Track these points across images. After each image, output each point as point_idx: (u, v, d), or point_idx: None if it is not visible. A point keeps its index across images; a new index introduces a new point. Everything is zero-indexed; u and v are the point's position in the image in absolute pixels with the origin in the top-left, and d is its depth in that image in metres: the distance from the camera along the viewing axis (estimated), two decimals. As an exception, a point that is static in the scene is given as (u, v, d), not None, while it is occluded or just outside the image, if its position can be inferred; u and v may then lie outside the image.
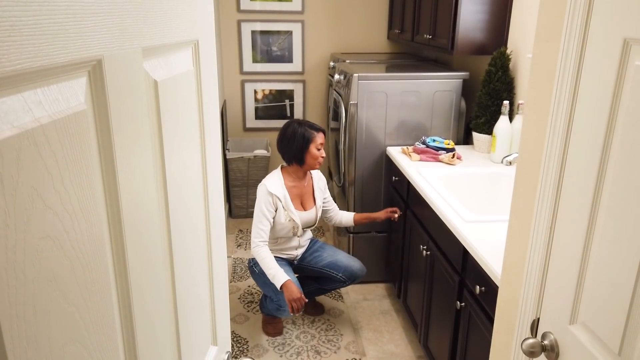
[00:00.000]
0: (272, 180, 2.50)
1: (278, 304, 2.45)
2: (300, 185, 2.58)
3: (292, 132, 2.49)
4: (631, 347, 0.83)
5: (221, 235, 1.02)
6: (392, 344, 2.62)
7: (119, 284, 0.58)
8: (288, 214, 2.50)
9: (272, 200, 2.45)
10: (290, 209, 2.50)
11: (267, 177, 2.53)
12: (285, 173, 2.55)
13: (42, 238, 0.42)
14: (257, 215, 2.46)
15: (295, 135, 2.47)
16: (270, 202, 2.45)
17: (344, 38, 4.11)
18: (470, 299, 1.77)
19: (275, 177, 2.52)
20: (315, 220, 2.63)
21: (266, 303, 2.60)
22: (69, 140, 0.46)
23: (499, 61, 2.55)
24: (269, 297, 2.53)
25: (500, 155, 2.49)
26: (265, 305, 2.61)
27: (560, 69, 0.99)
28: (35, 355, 0.41)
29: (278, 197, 2.46)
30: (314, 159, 2.50)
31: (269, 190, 2.45)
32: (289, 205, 2.50)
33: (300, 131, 2.48)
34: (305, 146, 2.47)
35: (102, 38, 0.51)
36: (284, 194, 2.49)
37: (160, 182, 0.69)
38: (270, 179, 2.51)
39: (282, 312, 2.48)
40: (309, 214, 2.59)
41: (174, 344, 0.77)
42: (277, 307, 2.48)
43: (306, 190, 2.61)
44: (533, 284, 1.11)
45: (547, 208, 1.05)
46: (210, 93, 0.91)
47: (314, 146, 2.48)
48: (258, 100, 4.21)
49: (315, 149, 2.48)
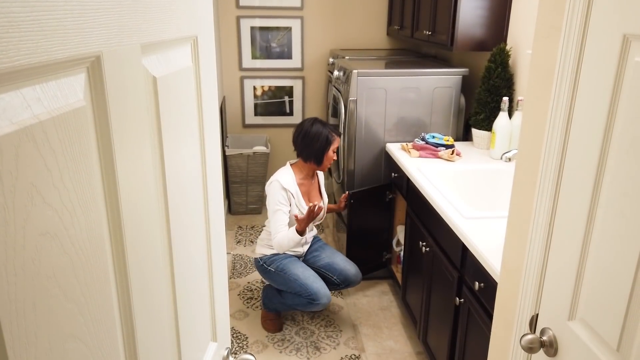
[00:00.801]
0: (284, 176, 2.49)
1: (310, 298, 2.41)
2: (309, 182, 2.60)
3: (317, 132, 2.51)
4: (630, 343, 0.83)
5: (220, 232, 1.02)
6: (392, 339, 2.63)
7: (119, 280, 0.58)
8: (300, 210, 2.51)
9: (286, 195, 2.46)
10: (302, 204, 2.52)
11: (278, 174, 2.52)
12: (295, 169, 2.56)
13: (42, 235, 0.42)
14: (274, 212, 2.44)
15: (319, 136, 2.50)
16: (285, 197, 2.45)
17: (343, 34, 4.10)
18: (469, 295, 1.77)
19: (287, 173, 2.52)
20: (323, 215, 2.66)
21: (285, 299, 2.54)
22: (68, 137, 0.46)
23: (499, 57, 2.54)
24: (294, 294, 2.47)
25: (499, 151, 2.49)
26: (285, 302, 2.55)
27: (560, 65, 0.99)
28: (35, 351, 0.42)
29: (291, 193, 2.47)
30: (328, 161, 2.56)
31: (283, 186, 2.44)
32: (300, 201, 2.51)
33: (324, 133, 2.52)
34: (327, 148, 2.52)
35: (101, 34, 0.50)
36: (296, 190, 2.50)
37: (159, 178, 0.69)
38: (282, 175, 2.50)
39: (315, 304, 2.42)
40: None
41: (174, 340, 0.77)
42: (308, 302, 2.43)
43: (313, 187, 2.64)
44: (532, 280, 1.11)
45: (546, 204, 1.05)
46: (209, 89, 0.91)
47: (332, 149, 2.54)
48: (257, 97, 4.21)
49: (332, 151, 2.55)
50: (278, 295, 2.60)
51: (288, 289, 2.50)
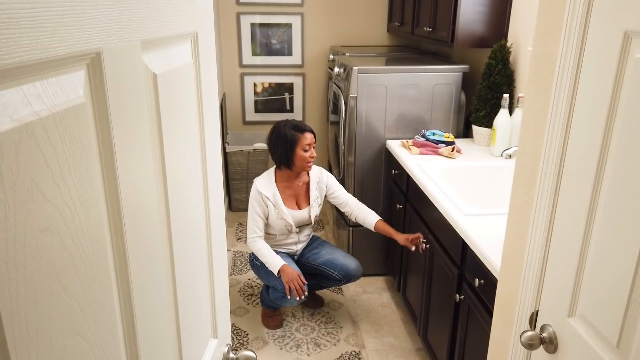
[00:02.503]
0: (262, 180, 2.52)
1: (282, 292, 2.44)
2: (295, 185, 2.57)
3: (277, 135, 2.45)
4: (629, 340, 0.83)
5: (221, 229, 1.02)
6: (392, 336, 2.64)
7: (119, 277, 0.58)
8: (279, 213, 2.50)
9: (261, 199, 2.48)
10: (281, 207, 2.50)
11: (259, 176, 2.55)
12: (278, 173, 2.55)
13: (42, 231, 0.42)
14: (250, 214, 2.51)
15: (279, 138, 2.43)
16: (260, 201, 2.48)
17: (343, 31, 4.10)
18: (469, 291, 1.77)
19: (266, 177, 2.54)
20: (309, 219, 2.61)
21: (268, 295, 2.60)
22: (68, 134, 0.46)
23: (499, 54, 2.54)
24: (273, 287, 2.52)
25: (500, 148, 2.49)
26: (268, 297, 2.61)
27: (561, 61, 0.99)
28: (36, 348, 0.42)
29: (267, 196, 2.48)
30: (302, 161, 2.44)
31: (258, 190, 2.48)
32: (279, 204, 2.50)
33: (283, 132, 2.42)
34: (291, 149, 2.41)
35: (101, 31, 0.50)
36: (273, 193, 2.50)
37: (159, 175, 0.69)
38: (261, 178, 2.54)
39: (287, 300, 2.45)
40: (303, 213, 2.58)
41: (175, 337, 0.78)
42: (282, 296, 2.45)
43: (301, 189, 2.60)
44: (532, 277, 1.12)
45: (546, 201, 1.05)
46: (209, 86, 0.91)
47: (300, 148, 2.41)
48: (257, 94, 4.20)
49: (301, 150, 2.42)
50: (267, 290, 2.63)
51: (268, 282, 2.55)
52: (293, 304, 2.51)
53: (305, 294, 2.38)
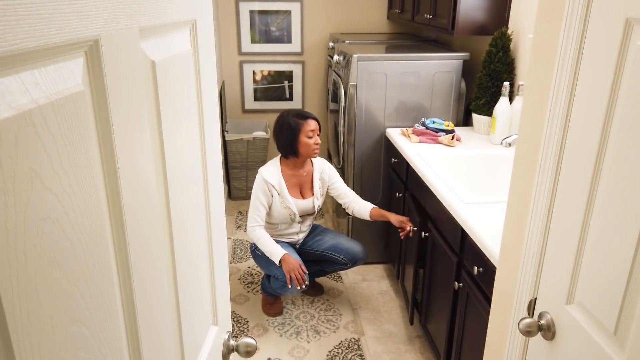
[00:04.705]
0: (268, 168, 2.53)
1: (283, 280, 2.45)
2: (299, 174, 2.58)
3: (281, 124, 2.48)
4: (627, 327, 0.84)
5: (221, 217, 1.03)
6: (391, 323, 2.65)
7: (120, 264, 0.58)
8: (284, 202, 2.51)
9: (267, 187, 2.49)
10: (286, 196, 2.52)
11: (265, 165, 2.57)
12: (284, 162, 2.57)
13: (42, 219, 0.42)
14: (252, 202, 2.51)
15: (283, 127, 2.47)
16: (265, 190, 2.49)
17: (343, 18, 4.07)
18: (468, 279, 1.78)
19: (272, 165, 2.55)
20: (313, 208, 2.62)
21: (269, 283, 2.61)
22: (67, 122, 0.46)
23: (500, 42, 2.52)
24: (273, 276, 2.53)
25: (499, 136, 2.48)
26: (269, 285, 2.62)
27: (562, 49, 0.99)
28: (37, 335, 0.42)
29: (273, 185, 2.49)
30: (307, 148, 2.46)
31: (264, 178, 2.49)
32: (284, 193, 2.51)
33: (287, 121, 2.45)
34: (294, 136, 2.44)
35: (99, 18, 0.50)
36: (279, 182, 2.51)
37: (159, 163, 0.69)
38: (267, 167, 2.55)
39: (288, 288, 2.46)
40: (307, 202, 2.60)
41: (175, 324, 0.78)
42: (283, 284, 2.46)
43: (306, 179, 2.61)
44: (530, 265, 1.12)
45: (545, 189, 1.05)
46: (208, 74, 0.90)
47: (304, 135, 2.44)
48: (257, 82, 4.18)
49: (305, 137, 2.44)
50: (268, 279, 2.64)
51: (269, 272, 2.57)
52: (294, 293, 2.53)
53: (306, 283, 2.40)
